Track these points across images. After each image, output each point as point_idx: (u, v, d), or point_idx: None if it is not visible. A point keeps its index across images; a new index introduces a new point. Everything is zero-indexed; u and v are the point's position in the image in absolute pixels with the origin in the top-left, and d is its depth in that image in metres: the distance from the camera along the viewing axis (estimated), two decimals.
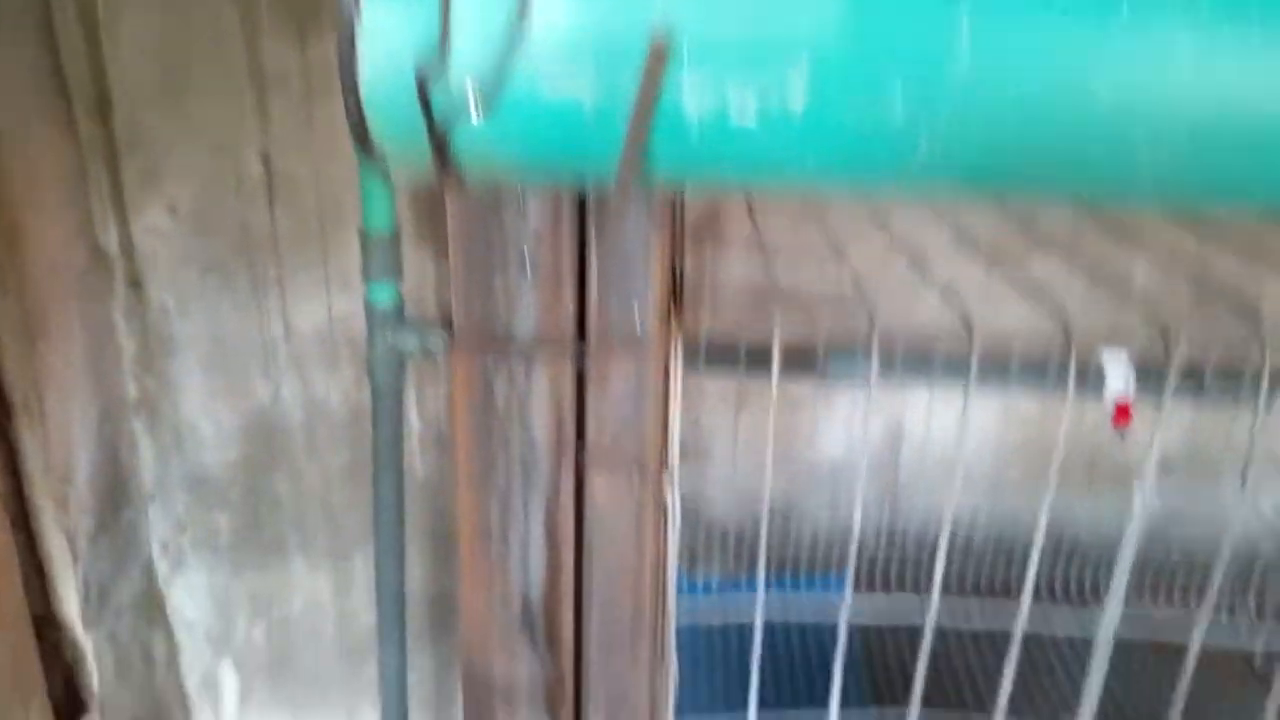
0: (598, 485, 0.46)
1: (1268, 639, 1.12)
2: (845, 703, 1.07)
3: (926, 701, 1.10)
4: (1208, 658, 1.15)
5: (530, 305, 0.43)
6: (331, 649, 1.46)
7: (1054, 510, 1.25)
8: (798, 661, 1.12)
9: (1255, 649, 1.12)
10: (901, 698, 1.10)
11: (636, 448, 0.45)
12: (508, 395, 0.44)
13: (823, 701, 1.09)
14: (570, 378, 0.45)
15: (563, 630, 0.51)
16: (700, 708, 1.05)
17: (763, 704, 1.08)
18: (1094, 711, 0.59)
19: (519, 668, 0.52)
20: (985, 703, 1.07)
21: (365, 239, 0.93)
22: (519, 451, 0.45)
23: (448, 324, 0.44)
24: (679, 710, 1.06)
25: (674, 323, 0.44)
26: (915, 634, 1.18)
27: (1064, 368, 1.14)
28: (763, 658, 1.14)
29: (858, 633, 1.13)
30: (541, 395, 0.45)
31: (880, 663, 1.13)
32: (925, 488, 1.26)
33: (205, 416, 1.31)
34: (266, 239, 1.21)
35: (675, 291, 0.45)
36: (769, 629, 1.15)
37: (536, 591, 0.50)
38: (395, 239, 0.92)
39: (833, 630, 1.18)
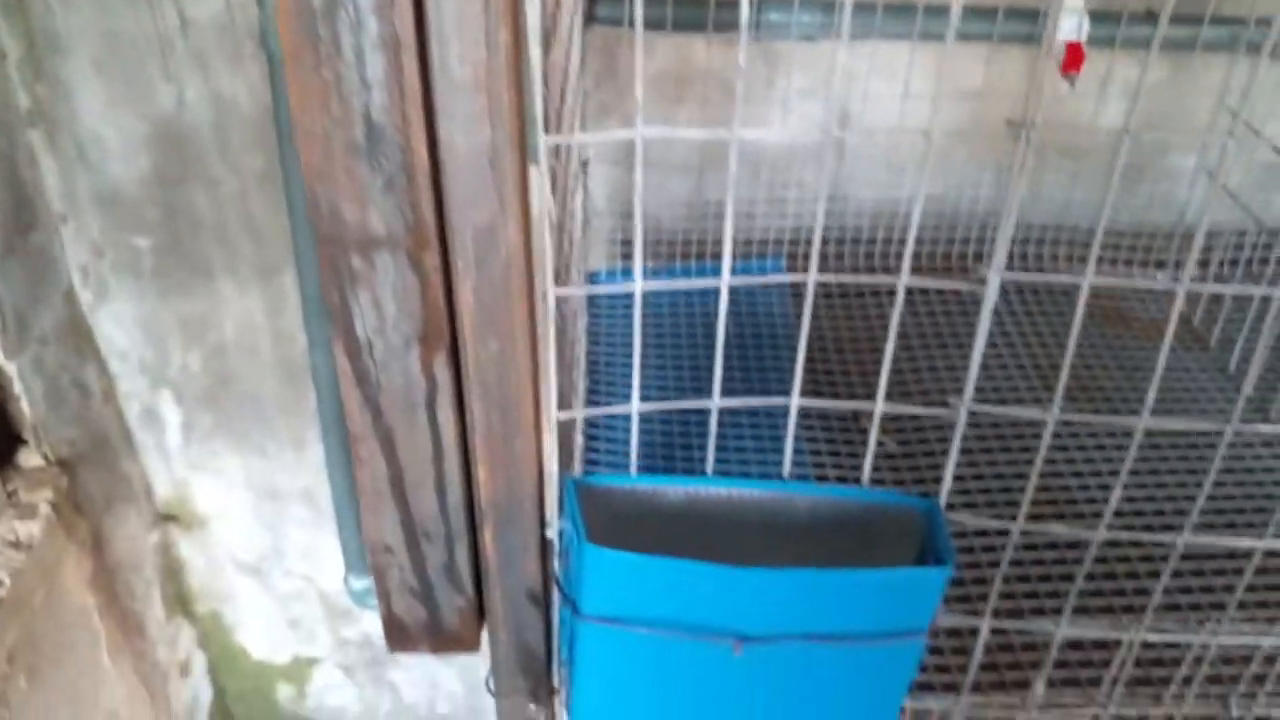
0: None
1: (1206, 305, 1.10)
2: (777, 362, 1.06)
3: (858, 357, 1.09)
4: (1153, 324, 1.14)
5: None
6: (272, 375, 1.43)
7: (1002, 187, 1.21)
8: (730, 330, 1.10)
9: (1195, 313, 1.11)
10: (830, 348, 1.09)
11: None
12: None
13: (756, 357, 1.08)
14: None
15: (415, 158, 0.46)
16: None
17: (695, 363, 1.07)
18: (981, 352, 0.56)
19: (372, 210, 0.47)
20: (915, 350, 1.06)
21: None
22: None
23: None
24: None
25: None
26: (848, 293, 1.16)
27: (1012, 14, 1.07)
28: (694, 332, 1.13)
29: (791, 300, 1.11)
30: None
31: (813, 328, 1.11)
32: (871, 173, 1.21)
33: (107, 124, 1.23)
34: None
35: None
36: (705, 311, 1.12)
37: (379, 108, 0.44)
38: None
39: (768, 310, 1.16)
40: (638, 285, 0.54)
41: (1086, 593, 0.81)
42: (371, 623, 1.63)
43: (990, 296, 0.53)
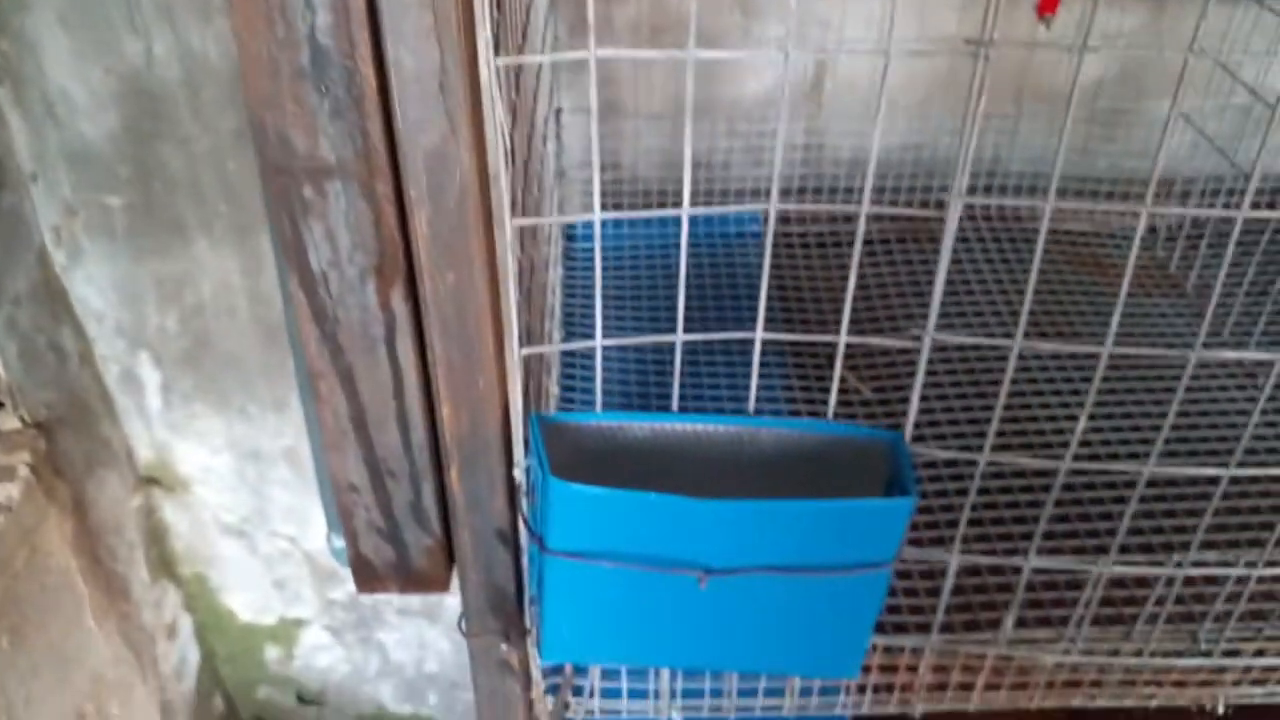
0: None
1: (1183, 250, 1.10)
2: (755, 315, 1.06)
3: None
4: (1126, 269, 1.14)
5: None
6: (251, 336, 1.43)
7: (979, 135, 1.21)
8: (708, 286, 1.10)
9: (1171, 258, 1.10)
10: (808, 300, 1.09)
11: None
12: None
13: (731, 303, 1.08)
14: None
15: (364, 81, 0.45)
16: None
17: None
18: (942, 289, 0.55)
19: (321, 138, 0.46)
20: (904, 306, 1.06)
21: None
22: None
23: None
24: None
25: None
26: (825, 243, 1.16)
27: None
28: (673, 286, 1.12)
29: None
30: None
31: (789, 273, 1.11)
32: (848, 123, 1.20)
33: (75, 80, 1.21)
34: None
35: None
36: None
37: (324, 29, 0.44)
38: None
39: (745, 263, 1.16)
40: (596, 215, 0.53)
41: (1061, 534, 0.81)
42: None
43: (952, 221, 0.53)
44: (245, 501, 1.55)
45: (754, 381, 0.60)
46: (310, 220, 0.49)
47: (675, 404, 0.61)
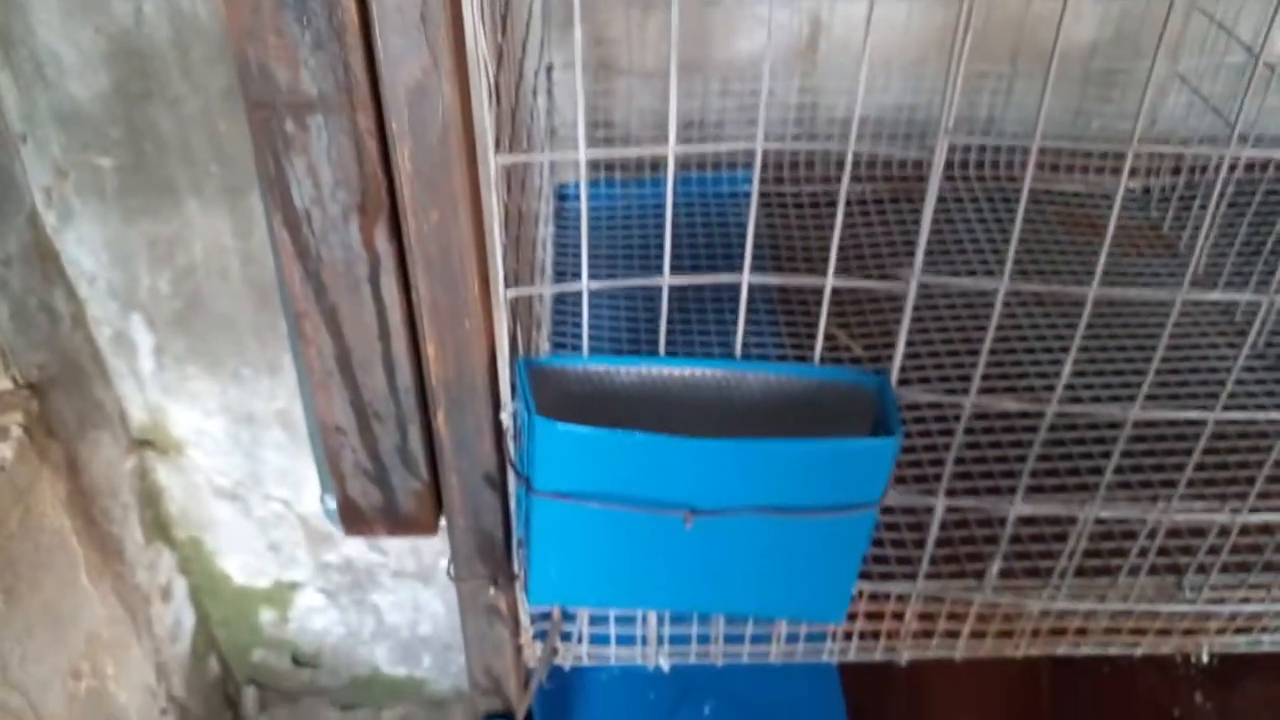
0: None
1: (1176, 210, 1.10)
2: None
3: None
4: (1123, 231, 1.14)
5: None
6: (243, 297, 1.42)
7: (973, 94, 1.20)
8: (701, 246, 1.10)
9: (1165, 219, 1.10)
10: (800, 259, 1.08)
11: None
12: None
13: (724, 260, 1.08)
14: None
15: (345, 13, 0.45)
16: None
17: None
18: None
19: (303, 71, 0.46)
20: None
21: None
22: None
23: None
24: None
25: None
26: (819, 202, 1.16)
27: None
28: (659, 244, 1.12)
29: (761, 211, 1.10)
30: None
31: (784, 242, 1.11)
32: (843, 82, 1.20)
33: (64, 40, 1.20)
34: None
35: None
36: (677, 224, 1.12)
37: None
38: None
39: (739, 224, 1.15)
40: (581, 154, 0.53)
41: (1050, 488, 0.81)
42: (352, 546, 1.64)
43: (939, 160, 0.52)
44: (239, 464, 1.56)
45: (740, 323, 0.59)
46: (292, 155, 0.49)
47: (663, 350, 0.61)
